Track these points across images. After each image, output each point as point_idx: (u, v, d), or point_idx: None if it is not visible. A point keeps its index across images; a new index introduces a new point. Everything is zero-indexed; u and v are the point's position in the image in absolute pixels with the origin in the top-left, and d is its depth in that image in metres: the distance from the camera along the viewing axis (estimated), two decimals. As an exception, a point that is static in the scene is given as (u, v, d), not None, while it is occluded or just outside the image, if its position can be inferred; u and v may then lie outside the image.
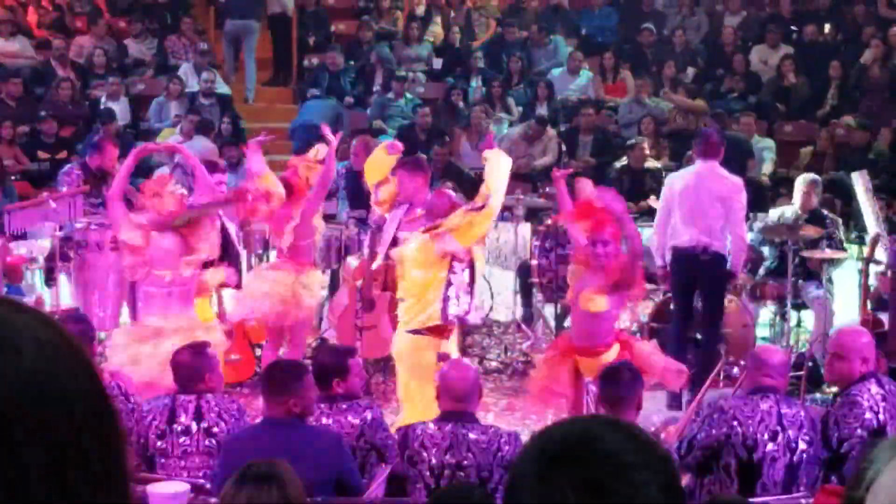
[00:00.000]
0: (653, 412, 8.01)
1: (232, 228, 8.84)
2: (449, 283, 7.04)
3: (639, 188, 12.54)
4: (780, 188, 12.67)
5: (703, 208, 8.65)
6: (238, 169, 12.50)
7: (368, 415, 5.78)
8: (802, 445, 5.53)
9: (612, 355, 7.00)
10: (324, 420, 5.69)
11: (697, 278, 8.79)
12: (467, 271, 7.18)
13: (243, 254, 9.63)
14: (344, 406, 5.80)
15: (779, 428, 5.49)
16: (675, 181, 9.05)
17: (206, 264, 7.80)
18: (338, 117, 13.84)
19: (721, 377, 7.03)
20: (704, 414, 5.64)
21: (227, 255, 8.58)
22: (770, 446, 5.47)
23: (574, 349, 7.24)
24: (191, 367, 5.86)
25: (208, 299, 8.46)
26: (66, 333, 1.24)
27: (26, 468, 1.14)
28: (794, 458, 5.51)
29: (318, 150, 8.40)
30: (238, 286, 8.62)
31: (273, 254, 9.27)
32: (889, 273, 8.67)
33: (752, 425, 5.47)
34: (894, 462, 1.48)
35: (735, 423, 5.48)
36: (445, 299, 7.03)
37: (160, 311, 7.40)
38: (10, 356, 1.17)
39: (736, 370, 6.49)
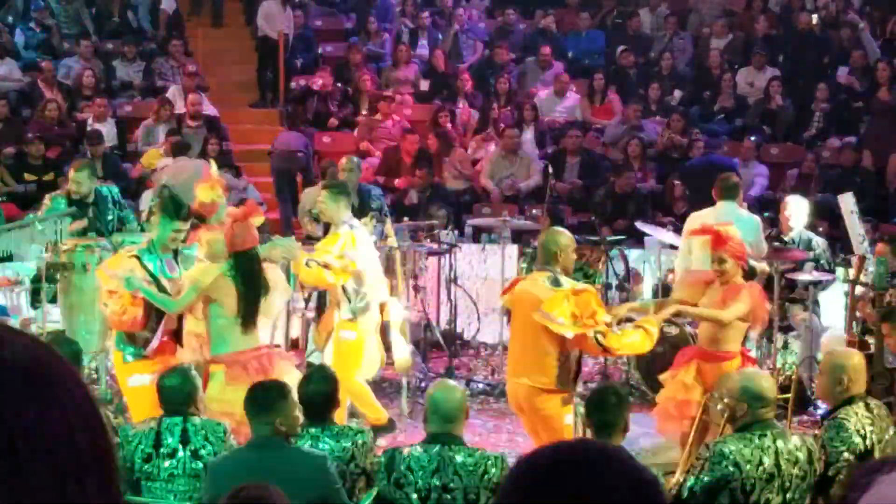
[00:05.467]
0: (640, 435, 8.00)
1: None
2: None
3: (621, 212, 12.60)
4: (766, 210, 12.71)
5: None
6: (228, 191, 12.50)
7: (360, 439, 5.78)
8: (797, 482, 5.50)
9: (734, 364, 7.13)
10: (313, 443, 5.68)
11: None
12: None
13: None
14: (336, 430, 5.81)
15: (775, 470, 5.44)
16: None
17: None
18: (306, 146, 14.16)
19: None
20: (703, 457, 5.54)
21: None
22: (766, 489, 5.43)
23: (697, 354, 7.41)
24: (182, 390, 5.85)
25: None
26: (60, 356, 1.31)
27: (29, 482, 1.21)
28: (788, 496, 5.49)
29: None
30: None
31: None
32: (875, 295, 8.68)
33: (752, 468, 5.42)
34: (873, 487, 1.49)
35: (734, 468, 5.41)
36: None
37: None
38: (13, 378, 1.24)
39: (720, 406, 6.45)
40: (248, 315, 7.10)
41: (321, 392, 5.88)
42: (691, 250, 8.91)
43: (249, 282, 7.11)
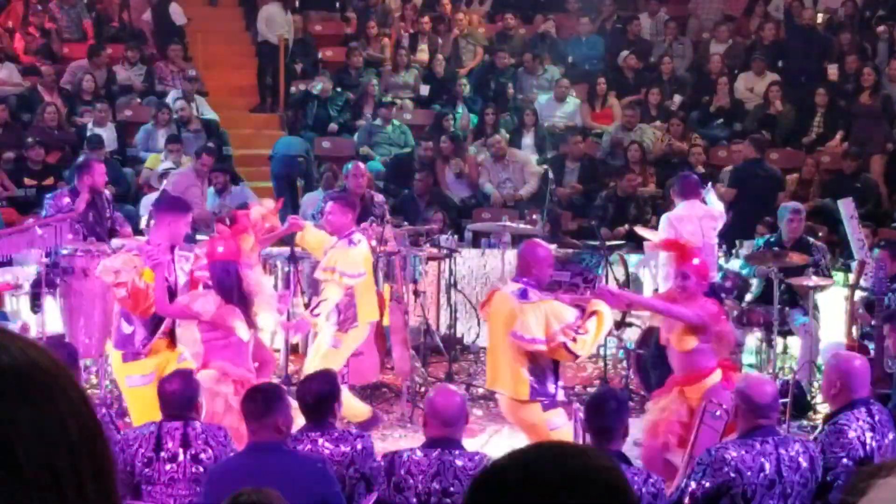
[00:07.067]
0: (640, 438, 7.99)
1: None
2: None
3: (622, 215, 12.61)
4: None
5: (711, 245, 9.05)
6: (224, 195, 12.48)
7: (359, 444, 5.78)
8: (798, 488, 5.48)
9: (715, 378, 7.14)
10: (312, 447, 5.68)
11: None
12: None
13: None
14: (335, 434, 5.80)
15: (776, 476, 5.41)
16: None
17: None
18: (307, 151, 14.15)
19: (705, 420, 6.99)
20: (705, 463, 5.48)
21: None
22: (767, 495, 5.42)
23: (677, 381, 7.34)
24: (183, 394, 5.84)
25: None
26: (57, 360, 1.32)
27: (27, 484, 1.22)
28: (788, 503, 5.48)
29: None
30: None
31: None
32: (875, 300, 8.69)
33: (753, 475, 5.40)
34: (871, 492, 1.49)
35: (735, 474, 5.37)
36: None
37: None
38: (11, 382, 1.25)
39: (718, 412, 6.43)
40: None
41: (321, 394, 5.88)
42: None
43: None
